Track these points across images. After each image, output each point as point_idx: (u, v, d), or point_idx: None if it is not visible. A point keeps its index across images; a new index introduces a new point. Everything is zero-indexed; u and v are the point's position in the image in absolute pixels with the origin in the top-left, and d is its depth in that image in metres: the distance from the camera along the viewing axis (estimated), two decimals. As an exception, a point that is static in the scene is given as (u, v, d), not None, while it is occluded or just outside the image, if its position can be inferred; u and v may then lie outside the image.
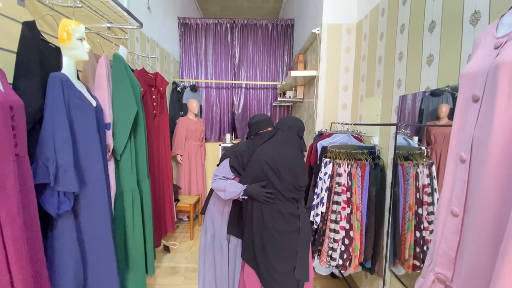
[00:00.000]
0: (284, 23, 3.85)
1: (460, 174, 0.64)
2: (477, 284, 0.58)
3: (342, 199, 1.67)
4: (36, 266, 0.87)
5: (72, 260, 1.06)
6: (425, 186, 1.40)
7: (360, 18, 2.16)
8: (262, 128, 1.53)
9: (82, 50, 1.16)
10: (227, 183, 1.41)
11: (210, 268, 1.60)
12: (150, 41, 2.74)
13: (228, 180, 1.47)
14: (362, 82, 2.11)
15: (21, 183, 0.81)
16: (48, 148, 0.97)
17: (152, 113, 2.07)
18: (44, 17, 1.28)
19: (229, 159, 1.50)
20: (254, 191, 1.35)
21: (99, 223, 1.19)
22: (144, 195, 1.65)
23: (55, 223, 1.05)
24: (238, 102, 4.02)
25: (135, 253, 1.55)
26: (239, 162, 1.48)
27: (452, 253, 0.65)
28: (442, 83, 1.22)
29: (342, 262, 1.67)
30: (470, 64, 0.67)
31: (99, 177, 1.18)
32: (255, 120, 1.56)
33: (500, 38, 0.60)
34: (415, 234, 1.44)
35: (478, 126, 0.60)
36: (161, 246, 2.53)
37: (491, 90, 0.57)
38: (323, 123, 2.36)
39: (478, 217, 0.59)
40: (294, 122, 1.49)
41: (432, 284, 0.71)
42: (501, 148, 0.54)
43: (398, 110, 1.57)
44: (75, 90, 1.10)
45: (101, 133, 1.26)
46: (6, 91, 0.81)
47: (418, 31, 1.40)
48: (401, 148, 1.51)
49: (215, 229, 1.57)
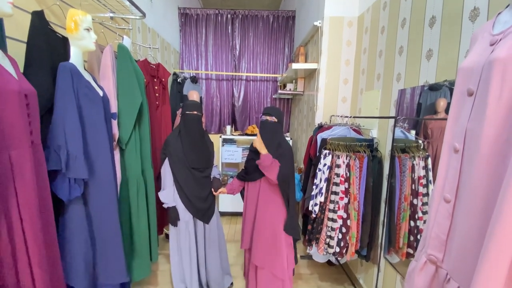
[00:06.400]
0: (285, 14, 3.83)
1: (453, 163, 0.68)
2: (466, 264, 0.63)
3: (340, 189, 1.72)
4: (50, 247, 0.91)
5: (83, 243, 1.11)
6: (420, 178, 1.45)
7: (362, 11, 2.17)
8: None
9: (89, 40, 1.18)
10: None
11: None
12: (151, 31, 2.74)
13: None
14: (362, 76, 2.14)
15: (36, 169, 0.85)
16: (59, 136, 1.01)
17: (155, 104, 2.09)
18: (50, 7, 1.28)
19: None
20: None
21: (107, 209, 1.23)
22: (148, 183, 1.70)
23: (66, 208, 1.09)
24: (238, 94, 4.03)
25: (140, 240, 1.60)
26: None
27: (444, 236, 0.71)
28: (441, 77, 1.26)
29: (339, 249, 1.74)
30: (467, 59, 0.70)
31: (106, 165, 1.22)
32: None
33: (495, 35, 0.64)
34: (410, 224, 1.49)
35: (471, 119, 0.64)
36: (163, 234, 2.59)
37: (485, 85, 0.60)
38: (323, 116, 2.40)
39: (468, 203, 0.64)
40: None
41: (424, 265, 0.76)
42: (491, 139, 0.58)
43: (396, 104, 1.61)
44: (84, 80, 1.13)
45: (108, 122, 1.29)
46: (20, 80, 0.84)
47: (419, 26, 1.43)
48: (398, 141, 1.55)
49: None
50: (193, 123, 1.70)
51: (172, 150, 1.68)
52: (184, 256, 1.77)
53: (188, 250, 1.77)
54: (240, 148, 3.36)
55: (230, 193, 1.77)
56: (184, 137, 1.71)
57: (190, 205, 1.72)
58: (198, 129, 1.73)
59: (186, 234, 1.75)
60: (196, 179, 1.73)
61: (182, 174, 1.70)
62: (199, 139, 1.74)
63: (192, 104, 1.72)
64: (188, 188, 1.71)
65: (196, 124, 1.71)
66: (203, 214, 1.78)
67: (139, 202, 1.59)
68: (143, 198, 1.63)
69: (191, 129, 1.70)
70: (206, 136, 1.84)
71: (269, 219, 1.57)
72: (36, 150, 0.87)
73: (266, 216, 1.57)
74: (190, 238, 1.76)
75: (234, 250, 2.57)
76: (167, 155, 1.70)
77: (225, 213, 3.39)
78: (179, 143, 1.70)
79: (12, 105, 0.75)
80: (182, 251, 1.77)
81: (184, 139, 1.70)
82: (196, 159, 1.72)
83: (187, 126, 1.70)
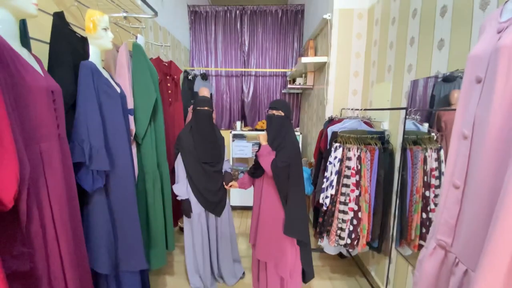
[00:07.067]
0: (294, 8, 3.82)
1: (463, 150, 0.70)
2: (474, 248, 0.65)
3: (351, 181, 1.74)
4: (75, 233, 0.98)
5: (105, 232, 1.18)
6: (433, 170, 1.44)
7: (372, 3, 2.15)
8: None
9: (106, 39, 1.24)
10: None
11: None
12: (162, 29, 2.80)
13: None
14: (373, 68, 2.13)
15: (63, 160, 0.91)
16: (83, 131, 1.07)
17: (168, 100, 2.16)
18: (69, 8, 1.35)
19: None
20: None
21: (126, 200, 1.30)
22: (164, 177, 1.76)
23: (89, 198, 1.16)
24: (247, 90, 4.07)
25: (157, 231, 1.68)
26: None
27: (453, 222, 0.72)
28: (452, 67, 1.25)
29: (350, 241, 1.75)
30: (476, 47, 0.71)
31: (125, 159, 1.29)
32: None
33: (502, 23, 0.64)
34: (422, 216, 1.49)
35: (480, 105, 0.65)
36: (177, 227, 2.68)
37: (492, 71, 0.61)
38: (334, 109, 2.40)
39: (477, 188, 0.65)
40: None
41: (433, 250, 0.78)
42: (499, 125, 0.59)
43: (408, 95, 1.60)
44: (103, 78, 1.19)
45: (125, 118, 1.35)
46: (46, 77, 0.90)
47: (430, 15, 1.41)
48: (410, 133, 1.55)
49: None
50: (204, 119, 1.75)
51: (184, 145, 1.73)
52: (197, 247, 1.84)
53: (200, 241, 1.83)
54: (250, 143, 3.40)
55: (241, 187, 1.78)
56: (195, 132, 1.75)
57: (201, 198, 1.78)
58: (209, 124, 1.77)
59: (198, 226, 1.81)
60: (207, 173, 1.78)
61: (193, 169, 1.75)
62: (210, 134, 1.78)
63: (203, 99, 1.77)
64: (199, 182, 1.76)
65: (207, 120, 1.76)
66: (214, 207, 1.83)
67: (155, 194, 1.65)
68: (159, 191, 1.69)
69: (202, 124, 1.75)
70: (217, 131, 1.89)
71: (270, 216, 1.54)
72: (63, 143, 0.93)
73: (268, 212, 1.55)
74: (203, 230, 1.83)
75: (245, 242, 2.63)
76: (179, 150, 1.75)
77: (236, 207, 3.45)
78: (191, 138, 1.75)
79: (41, 100, 0.82)
80: (195, 243, 1.84)
81: (195, 134, 1.75)
82: (206, 154, 1.77)
83: (198, 121, 1.75)
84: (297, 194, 1.49)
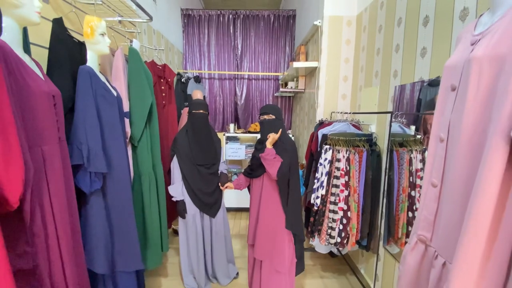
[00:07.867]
0: (285, 14, 3.90)
1: (439, 152, 0.76)
2: (450, 241, 0.71)
3: (341, 182, 1.80)
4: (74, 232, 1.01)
5: (102, 233, 1.20)
6: (418, 171, 1.51)
7: (360, 10, 2.24)
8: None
9: (104, 44, 1.27)
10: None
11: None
12: (156, 33, 2.82)
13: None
14: (361, 73, 2.21)
15: (63, 162, 0.94)
16: (81, 134, 1.10)
17: (162, 103, 2.18)
18: (67, 14, 1.37)
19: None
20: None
21: (123, 201, 1.33)
22: (159, 179, 1.79)
23: (87, 200, 1.18)
24: (240, 93, 4.11)
25: (152, 231, 1.70)
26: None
27: (431, 218, 0.78)
28: (434, 74, 1.33)
29: (340, 240, 1.82)
30: (451, 57, 0.78)
31: (122, 161, 1.32)
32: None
33: (476, 35, 0.71)
34: (408, 215, 1.56)
35: (454, 111, 0.72)
36: (171, 229, 2.69)
37: (465, 80, 0.68)
38: (324, 112, 2.47)
39: (452, 186, 0.72)
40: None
41: (415, 245, 0.84)
42: (470, 129, 0.66)
43: (394, 99, 1.68)
44: (100, 82, 1.22)
45: (122, 121, 1.38)
46: (46, 81, 0.93)
47: (414, 24, 1.50)
48: (396, 135, 1.62)
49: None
50: (200, 121, 1.79)
51: (179, 147, 1.77)
52: (192, 247, 1.86)
53: (195, 242, 1.86)
54: (244, 145, 3.45)
55: (237, 188, 1.82)
56: (190, 135, 1.79)
57: (196, 200, 1.81)
58: (205, 127, 1.81)
59: (193, 227, 1.84)
60: (202, 175, 1.82)
61: (188, 171, 1.78)
62: (205, 137, 1.82)
63: (199, 103, 1.80)
64: (194, 183, 1.80)
65: (202, 122, 1.79)
66: (209, 208, 1.86)
67: (151, 196, 1.68)
68: (154, 192, 1.72)
69: (198, 127, 1.78)
70: (213, 133, 1.92)
71: (270, 215, 1.58)
72: (63, 146, 0.96)
73: (268, 212, 1.59)
74: (197, 231, 1.85)
75: (239, 243, 2.66)
76: (175, 152, 1.78)
77: (230, 209, 3.48)
78: (186, 140, 1.79)
79: (43, 105, 0.84)
80: (190, 243, 1.86)
81: (190, 137, 1.79)
82: (202, 156, 1.81)
83: (193, 124, 1.78)
84: (296, 192, 1.61)
